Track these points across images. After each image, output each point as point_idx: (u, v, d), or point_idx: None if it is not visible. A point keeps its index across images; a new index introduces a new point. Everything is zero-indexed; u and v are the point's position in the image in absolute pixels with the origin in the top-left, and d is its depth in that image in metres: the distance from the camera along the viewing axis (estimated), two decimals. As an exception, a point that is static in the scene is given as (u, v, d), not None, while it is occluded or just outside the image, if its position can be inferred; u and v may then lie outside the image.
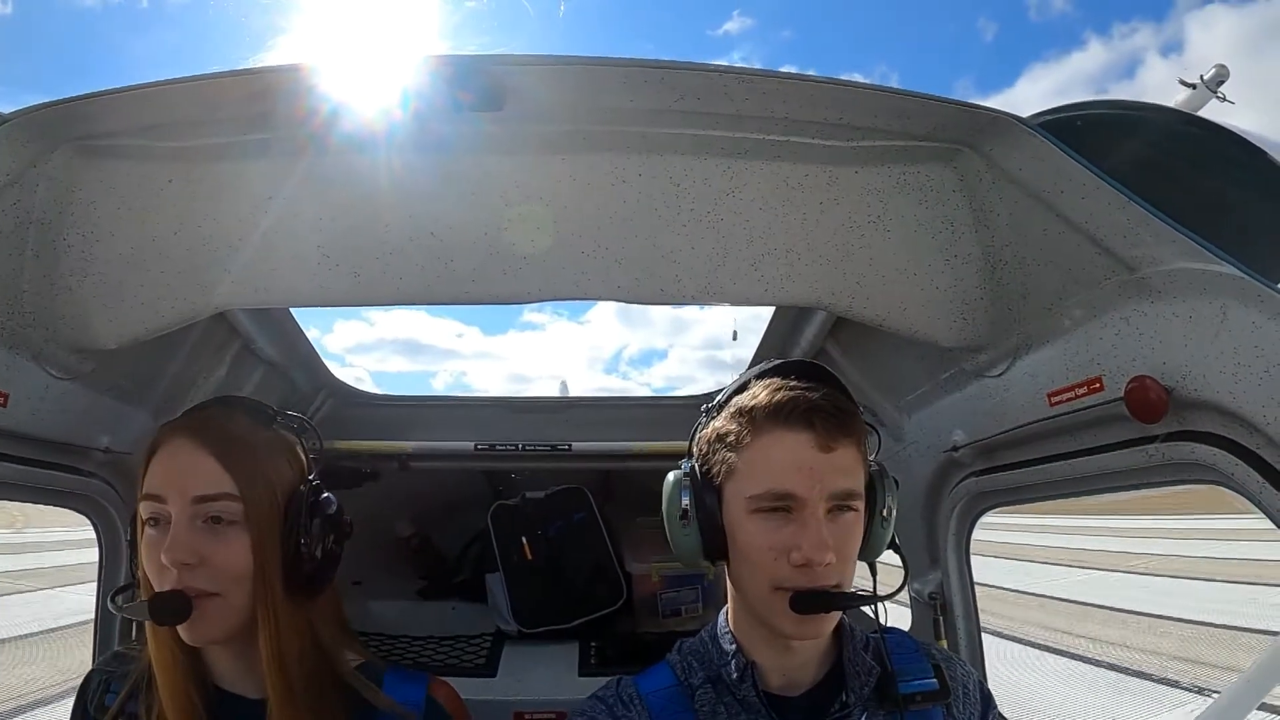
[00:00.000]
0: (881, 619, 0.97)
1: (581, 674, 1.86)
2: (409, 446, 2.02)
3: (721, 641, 0.98)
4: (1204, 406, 0.93)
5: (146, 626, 0.93)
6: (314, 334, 1.87)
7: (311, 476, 0.99)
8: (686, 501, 0.94)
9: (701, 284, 1.19)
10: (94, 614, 1.51)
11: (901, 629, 1.10)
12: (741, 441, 0.90)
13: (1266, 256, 0.93)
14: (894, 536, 0.96)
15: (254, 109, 1.05)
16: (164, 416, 1.51)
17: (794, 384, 0.90)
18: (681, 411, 2.10)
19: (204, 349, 1.57)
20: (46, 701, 6.77)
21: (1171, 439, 0.99)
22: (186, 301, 1.18)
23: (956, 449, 1.44)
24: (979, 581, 1.61)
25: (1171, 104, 1.17)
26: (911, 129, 1.12)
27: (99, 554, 1.49)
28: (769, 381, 0.92)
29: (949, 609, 1.57)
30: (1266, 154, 0.98)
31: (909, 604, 1.69)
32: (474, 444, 2.02)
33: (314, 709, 0.92)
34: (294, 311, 1.73)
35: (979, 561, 1.58)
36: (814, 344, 1.72)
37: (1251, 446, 0.88)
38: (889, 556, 0.97)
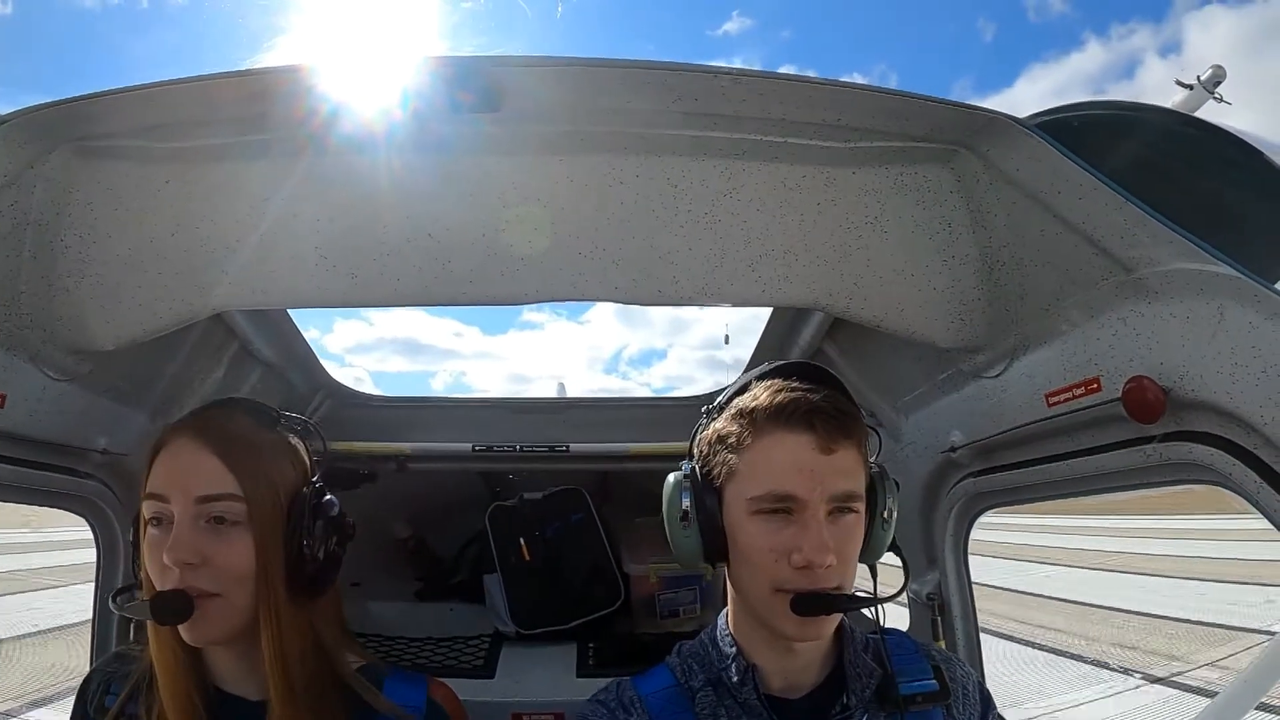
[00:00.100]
0: (880, 619, 0.97)
1: (580, 675, 1.86)
2: (406, 448, 2.01)
3: (721, 644, 0.98)
4: (1201, 407, 0.93)
5: (148, 627, 0.93)
6: (314, 334, 1.87)
7: (315, 478, 1.00)
8: (687, 503, 0.93)
9: (699, 285, 1.19)
10: (91, 615, 1.51)
11: (900, 629, 1.10)
12: (742, 443, 0.89)
13: (1263, 257, 0.93)
14: (894, 538, 0.96)
15: (252, 110, 1.05)
16: (161, 418, 1.50)
17: (795, 385, 0.90)
18: (679, 412, 2.09)
19: (202, 350, 1.56)
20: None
21: (1169, 439, 0.99)
22: (184, 303, 1.17)
23: (954, 450, 1.44)
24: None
25: (1169, 104, 1.17)
26: (909, 130, 1.12)
27: (96, 556, 1.48)
28: (770, 383, 0.92)
29: (947, 609, 1.57)
30: (1263, 154, 0.98)
31: (907, 604, 1.69)
32: (472, 445, 2.02)
33: (315, 710, 0.92)
34: (292, 312, 1.72)
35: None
36: (811, 345, 1.72)
37: (1249, 447, 0.88)
38: (888, 556, 0.97)
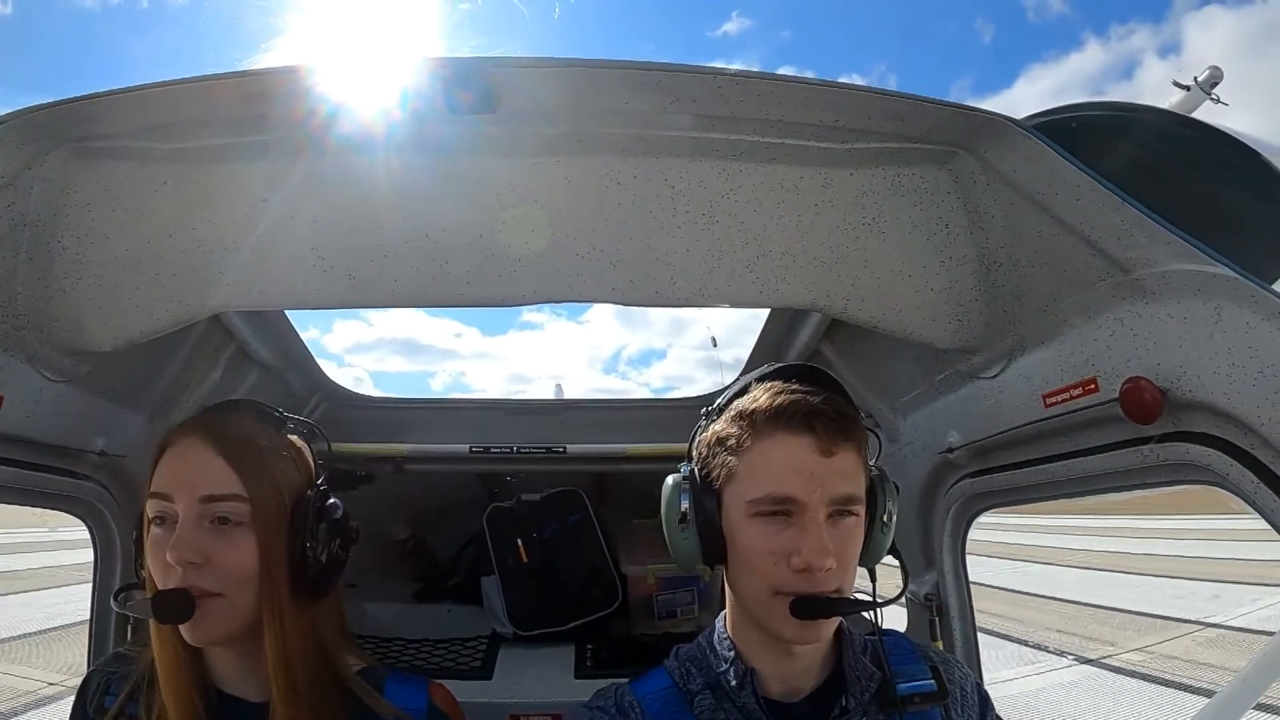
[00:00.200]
0: (878, 621, 0.97)
1: (577, 676, 1.85)
2: (404, 449, 2.01)
3: (719, 648, 0.97)
4: (1199, 407, 0.93)
5: (150, 626, 0.93)
6: (313, 334, 1.87)
7: (319, 481, 1.00)
8: (686, 505, 0.93)
9: (697, 286, 1.19)
10: (89, 617, 1.50)
11: (898, 630, 1.10)
12: (742, 445, 0.89)
13: (1260, 257, 0.93)
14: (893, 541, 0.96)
15: (250, 110, 1.05)
16: (159, 419, 1.50)
17: (795, 388, 0.89)
18: (676, 413, 2.09)
19: (199, 351, 1.56)
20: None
21: (1166, 440, 0.99)
22: (182, 304, 1.17)
23: (952, 450, 1.44)
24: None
25: (1166, 105, 1.17)
26: (906, 131, 1.12)
27: (94, 557, 1.47)
28: (770, 385, 0.92)
29: (945, 610, 1.57)
30: (1260, 155, 0.98)
31: (904, 605, 1.69)
32: (469, 446, 2.01)
33: (316, 712, 0.92)
34: (289, 314, 1.72)
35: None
36: (809, 346, 1.72)
37: (1246, 447, 0.88)
38: (886, 556, 0.97)
